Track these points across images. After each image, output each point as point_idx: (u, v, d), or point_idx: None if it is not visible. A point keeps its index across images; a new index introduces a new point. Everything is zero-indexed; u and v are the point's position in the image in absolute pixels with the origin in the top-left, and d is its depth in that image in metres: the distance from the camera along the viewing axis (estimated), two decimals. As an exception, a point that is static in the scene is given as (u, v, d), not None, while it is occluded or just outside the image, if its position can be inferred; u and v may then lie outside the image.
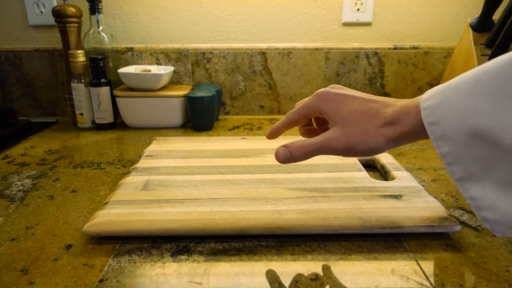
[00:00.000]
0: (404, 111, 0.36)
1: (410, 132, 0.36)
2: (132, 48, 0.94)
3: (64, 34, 0.84)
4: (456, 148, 0.31)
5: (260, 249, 0.42)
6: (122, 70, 0.86)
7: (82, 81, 0.83)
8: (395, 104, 0.38)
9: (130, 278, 0.38)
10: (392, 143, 0.37)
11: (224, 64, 0.94)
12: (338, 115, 0.39)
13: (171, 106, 0.85)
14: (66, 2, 0.86)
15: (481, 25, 0.79)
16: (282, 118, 0.45)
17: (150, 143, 0.73)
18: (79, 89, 0.83)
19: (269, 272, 0.39)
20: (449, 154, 0.32)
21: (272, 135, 0.47)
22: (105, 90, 0.84)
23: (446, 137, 0.31)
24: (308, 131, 0.47)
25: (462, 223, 0.47)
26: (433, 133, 0.32)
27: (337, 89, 0.42)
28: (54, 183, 0.60)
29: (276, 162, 0.61)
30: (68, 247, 0.43)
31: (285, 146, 0.41)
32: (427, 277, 0.38)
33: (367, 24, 0.94)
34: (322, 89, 0.42)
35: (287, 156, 0.40)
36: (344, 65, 0.94)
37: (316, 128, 0.47)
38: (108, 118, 0.86)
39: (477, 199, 0.31)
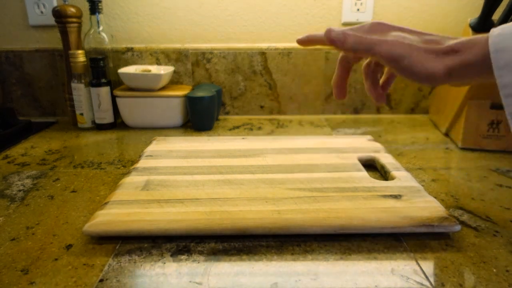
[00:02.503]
0: (471, 42, 0.34)
1: (472, 63, 0.34)
2: (132, 48, 0.94)
3: (64, 34, 0.84)
4: None
5: (260, 249, 0.42)
6: (122, 70, 0.86)
7: (82, 81, 0.83)
8: (457, 37, 0.36)
9: (130, 278, 0.38)
10: (448, 74, 0.35)
11: (224, 64, 0.94)
12: (392, 32, 0.38)
13: (171, 106, 0.85)
14: (66, 2, 0.86)
15: (481, 25, 0.79)
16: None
17: (150, 143, 0.73)
18: (79, 89, 0.84)
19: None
20: (510, 84, 0.31)
21: (305, 43, 0.45)
22: (105, 90, 0.84)
23: (511, 66, 0.30)
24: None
25: (462, 223, 0.47)
26: (498, 60, 0.31)
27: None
28: (54, 183, 0.60)
29: (276, 162, 0.62)
30: (68, 247, 0.43)
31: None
32: (427, 277, 0.38)
33: (367, 24, 0.94)
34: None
35: (340, 38, 0.39)
36: (344, 65, 0.94)
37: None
38: (108, 118, 0.86)
39: None
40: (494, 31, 0.32)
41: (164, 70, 0.88)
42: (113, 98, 0.85)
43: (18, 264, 0.40)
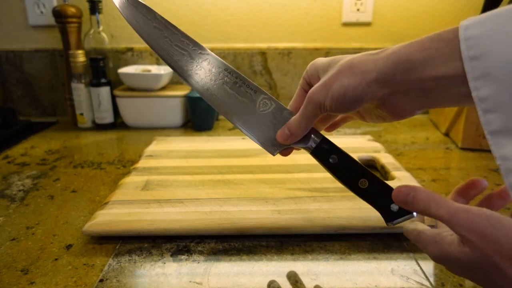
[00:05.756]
0: (431, 47, 0.29)
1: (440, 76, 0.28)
2: (132, 48, 0.94)
3: (64, 34, 0.84)
4: (500, 90, 0.25)
5: (260, 249, 0.42)
6: (123, 70, 0.86)
7: (82, 81, 0.83)
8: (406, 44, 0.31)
9: (130, 278, 0.38)
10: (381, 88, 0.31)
11: (224, 64, 0.94)
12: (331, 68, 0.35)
13: (171, 106, 0.85)
14: (66, 2, 0.86)
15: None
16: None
17: (150, 143, 0.73)
18: (79, 89, 0.84)
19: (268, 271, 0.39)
20: (489, 98, 0.26)
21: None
22: (105, 90, 0.84)
23: (489, 76, 0.26)
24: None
25: (462, 223, 0.47)
26: (473, 70, 0.26)
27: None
28: (54, 183, 0.60)
29: (276, 162, 0.62)
30: (69, 247, 0.43)
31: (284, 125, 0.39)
32: (426, 277, 0.38)
33: (367, 24, 0.94)
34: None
35: (287, 134, 0.38)
36: (344, 65, 0.94)
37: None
38: (108, 118, 0.86)
39: (511, 160, 0.26)
40: (465, 30, 0.27)
41: (164, 70, 0.88)
42: (113, 98, 0.85)
43: (18, 264, 0.40)
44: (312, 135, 0.39)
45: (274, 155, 0.40)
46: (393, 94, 0.31)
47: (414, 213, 0.38)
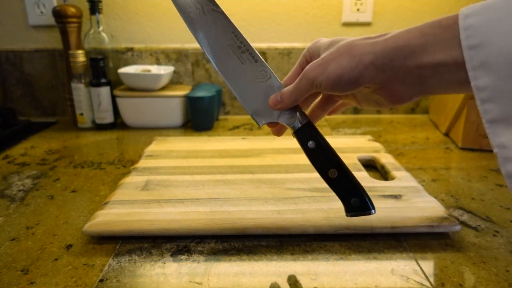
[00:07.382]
0: (431, 34, 0.29)
1: (438, 63, 0.28)
2: (132, 48, 0.94)
3: (64, 34, 0.84)
4: (498, 79, 0.25)
5: (260, 249, 0.42)
6: (122, 70, 0.86)
7: (82, 81, 0.83)
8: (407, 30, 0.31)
9: (130, 278, 0.38)
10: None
11: (224, 64, 0.94)
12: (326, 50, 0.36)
13: (171, 106, 0.85)
14: (66, 2, 0.86)
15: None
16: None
17: (151, 143, 0.73)
18: (79, 89, 0.84)
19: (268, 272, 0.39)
20: (487, 87, 0.26)
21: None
22: (105, 90, 0.84)
23: (488, 65, 0.26)
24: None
25: (462, 223, 0.47)
26: (472, 59, 0.26)
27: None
28: (54, 183, 0.60)
29: (276, 162, 0.62)
30: (69, 247, 0.43)
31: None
32: (427, 277, 0.38)
33: (367, 24, 0.94)
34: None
35: (278, 99, 0.39)
36: (344, 65, 0.94)
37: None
38: (108, 118, 0.86)
39: (507, 148, 0.26)
40: (464, 19, 0.27)
41: (164, 70, 0.88)
42: (113, 98, 0.85)
43: (18, 264, 0.40)
44: (299, 116, 0.40)
45: (260, 126, 0.41)
46: (390, 79, 0.31)
47: (373, 211, 0.39)
